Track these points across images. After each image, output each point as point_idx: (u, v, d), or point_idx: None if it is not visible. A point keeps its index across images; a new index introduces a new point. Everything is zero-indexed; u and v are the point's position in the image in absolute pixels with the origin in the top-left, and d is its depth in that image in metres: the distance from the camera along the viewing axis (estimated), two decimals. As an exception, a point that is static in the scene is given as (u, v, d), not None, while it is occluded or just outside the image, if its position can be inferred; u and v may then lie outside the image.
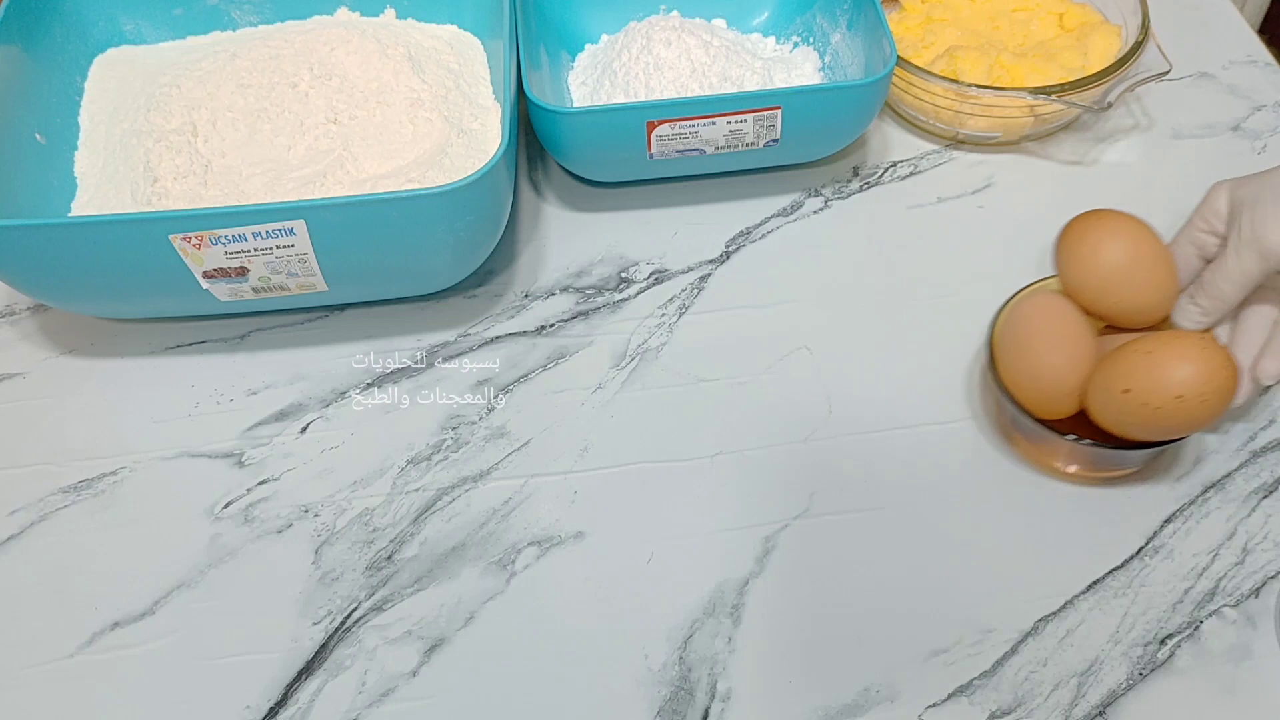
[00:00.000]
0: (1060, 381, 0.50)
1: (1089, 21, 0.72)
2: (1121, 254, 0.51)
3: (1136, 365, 0.48)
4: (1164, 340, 0.48)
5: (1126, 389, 0.47)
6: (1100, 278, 0.52)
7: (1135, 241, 0.51)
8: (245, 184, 0.61)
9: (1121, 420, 0.49)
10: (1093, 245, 0.52)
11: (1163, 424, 0.47)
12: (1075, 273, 0.52)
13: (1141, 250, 0.51)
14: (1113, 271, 0.51)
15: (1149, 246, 0.52)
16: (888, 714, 0.47)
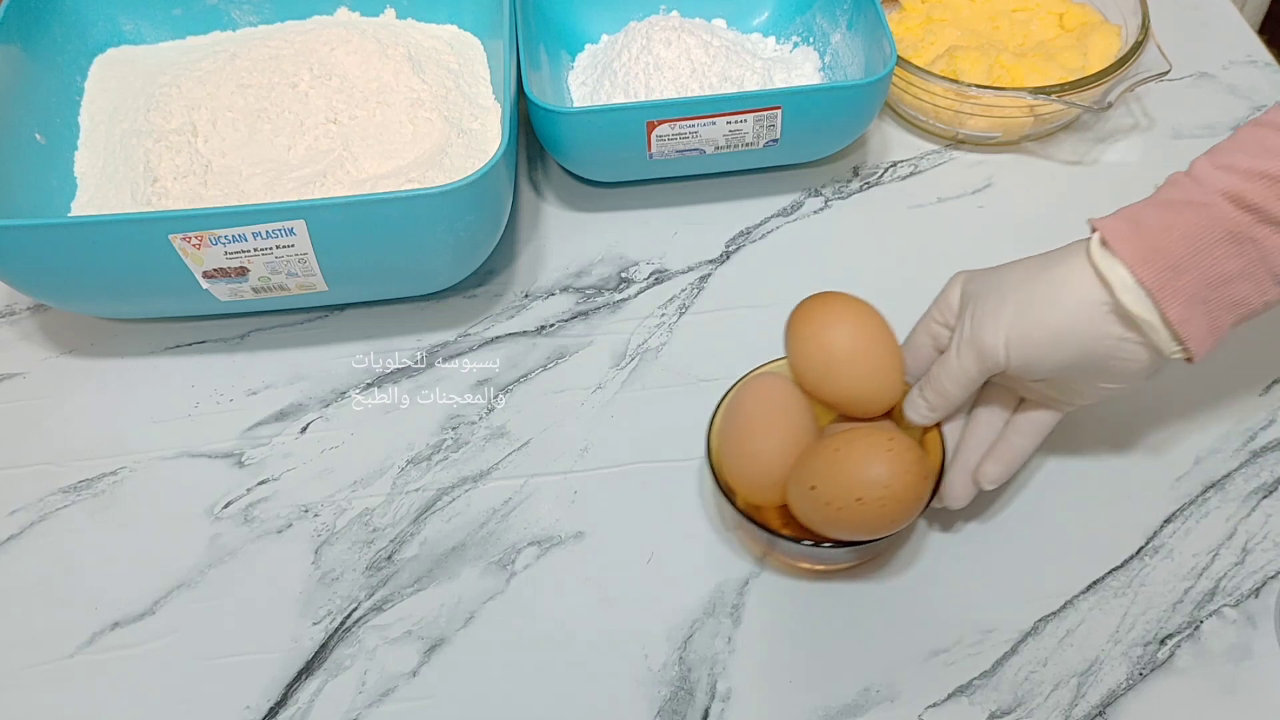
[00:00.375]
0: (771, 468, 0.47)
1: (1089, 21, 0.72)
2: (847, 341, 0.48)
3: (823, 462, 0.45)
4: (852, 439, 0.45)
5: (813, 486, 0.45)
6: (824, 364, 0.49)
7: (862, 328, 0.49)
8: (245, 184, 0.61)
9: (809, 517, 0.46)
10: (816, 329, 0.49)
11: (844, 525, 0.45)
12: (800, 357, 0.50)
13: (868, 338, 0.49)
14: (836, 358, 0.48)
15: (876, 334, 0.49)
16: (888, 714, 0.47)
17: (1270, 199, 0.41)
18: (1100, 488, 0.54)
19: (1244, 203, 0.41)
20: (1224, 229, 0.42)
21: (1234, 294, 0.43)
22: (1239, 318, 0.44)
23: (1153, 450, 0.55)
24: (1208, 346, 0.43)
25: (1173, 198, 0.43)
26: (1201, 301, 0.42)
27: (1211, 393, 0.58)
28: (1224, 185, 0.42)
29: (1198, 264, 0.42)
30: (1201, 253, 0.42)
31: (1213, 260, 0.42)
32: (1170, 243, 0.42)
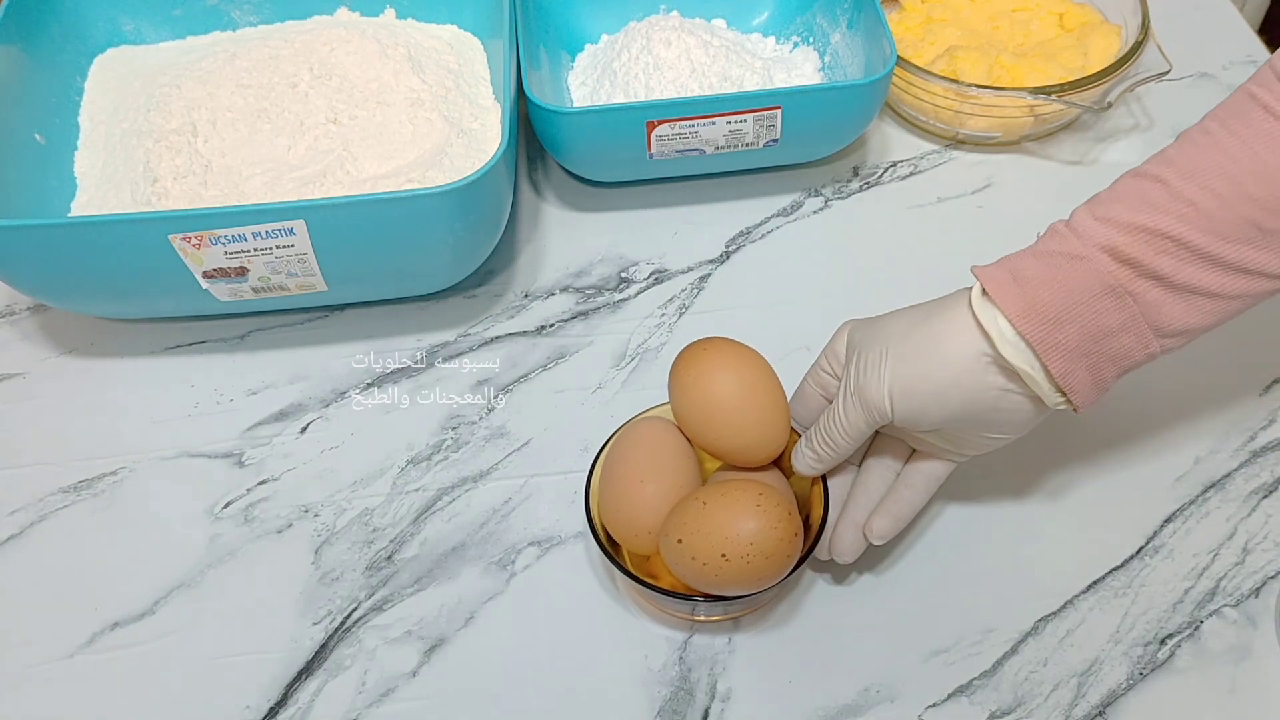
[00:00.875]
0: (644, 515, 0.46)
1: (1089, 21, 0.72)
2: (729, 389, 0.47)
3: (691, 515, 0.44)
4: (722, 491, 0.44)
5: (680, 539, 0.43)
6: (705, 412, 0.47)
7: (745, 377, 0.47)
8: (245, 184, 0.61)
9: (678, 571, 0.44)
10: (698, 376, 0.47)
11: (711, 580, 0.43)
12: (682, 404, 0.48)
13: (751, 387, 0.47)
14: (718, 407, 0.47)
15: (760, 383, 0.47)
16: (888, 714, 0.47)
17: (1147, 253, 0.41)
18: (1100, 488, 0.54)
19: (1121, 256, 0.41)
20: (1103, 283, 0.41)
21: (1116, 347, 0.42)
22: (1123, 369, 0.43)
23: (1153, 450, 0.55)
24: (1092, 399, 0.43)
25: (1052, 249, 0.42)
26: (1084, 355, 0.42)
27: (1211, 393, 0.58)
28: (1103, 239, 0.41)
29: (1078, 317, 0.41)
30: (1081, 306, 0.41)
31: (1094, 314, 0.41)
32: (1051, 296, 0.41)
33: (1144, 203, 0.41)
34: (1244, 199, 0.40)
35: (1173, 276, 0.41)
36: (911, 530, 0.53)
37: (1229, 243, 0.40)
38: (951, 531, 0.53)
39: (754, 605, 0.49)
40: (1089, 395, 0.43)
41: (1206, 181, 0.40)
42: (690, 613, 0.49)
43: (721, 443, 0.47)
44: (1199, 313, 0.42)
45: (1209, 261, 0.41)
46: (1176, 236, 0.40)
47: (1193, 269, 0.41)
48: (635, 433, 0.49)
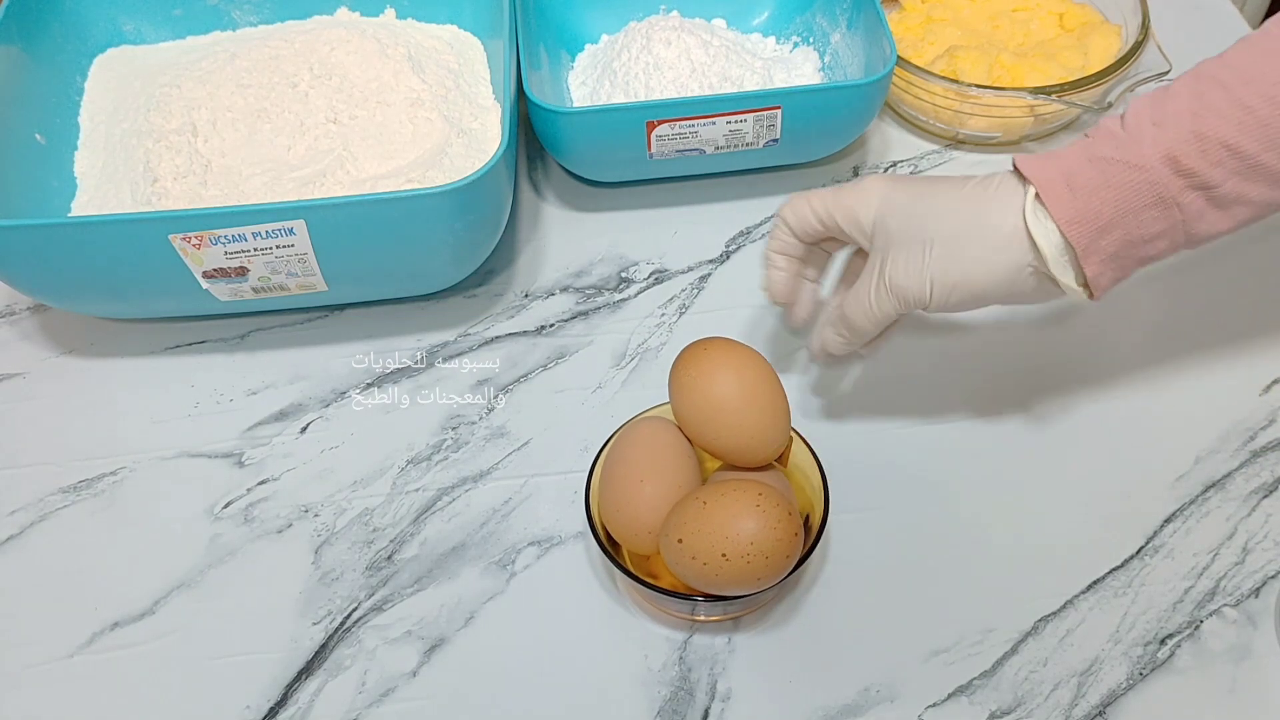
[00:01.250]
0: (644, 515, 0.46)
1: (1089, 21, 0.72)
2: (729, 389, 0.47)
3: (690, 515, 0.44)
4: (721, 491, 0.44)
5: (680, 539, 0.43)
6: (706, 413, 0.47)
7: (745, 377, 0.47)
8: (245, 184, 0.61)
9: (678, 570, 0.44)
10: (698, 377, 0.47)
11: (711, 580, 0.43)
12: (682, 405, 0.48)
13: (751, 387, 0.47)
14: (718, 407, 0.47)
15: (760, 383, 0.47)
16: (888, 714, 0.47)
17: (1203, 164, 0.41)
18: (1100, 487, 0.54)
19: (1179, 166, 0.41)
20: (1155, 194, 0.42)
21: (1149, 251, 0.44)
22: (1142, 265, 0.45)
23: (1153, 450, 0.55)
24: (1106, 290, 0.45)
25: (1108, 155, 0.43)
26: (1117, 258, 0.43)
27: (1212, 392, 0.58)
28: (1162, 146, 0.42)
29: (1123, 225, 0.42)
30: (1129, 216, 0.42)
31: (1139, 223, 0.42)
32: (1101, 204, 0.42)
33: (1203, 106, 0.41)
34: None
35: (1221, 186, 0.41)
36: (911, 530, 0.53)
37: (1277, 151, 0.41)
38: (951, 531, 0.53)
39: (754, 605, 0.49)
40: (1107, 288, 0.44)
41: (1264, 88, 0.40)
42: (690, 612, 0.49)
43: (721, 443, 0.47)
44: (1231, 220, 0.43)
45: (1257, 172, 0.41)
46: (1232, 145, 0.41)
47: (1240, 179, 0.41)
48: (635, 433, 0.49)
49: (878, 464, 0.55)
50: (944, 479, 0.54)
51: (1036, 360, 0.59)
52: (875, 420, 0.57)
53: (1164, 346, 0.60)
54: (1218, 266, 0.63)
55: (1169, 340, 0.60)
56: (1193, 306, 0.62)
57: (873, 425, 0.57)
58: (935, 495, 0.54)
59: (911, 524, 0.53)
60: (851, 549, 0.52)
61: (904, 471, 0.55)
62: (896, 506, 0.53)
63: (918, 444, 0.56)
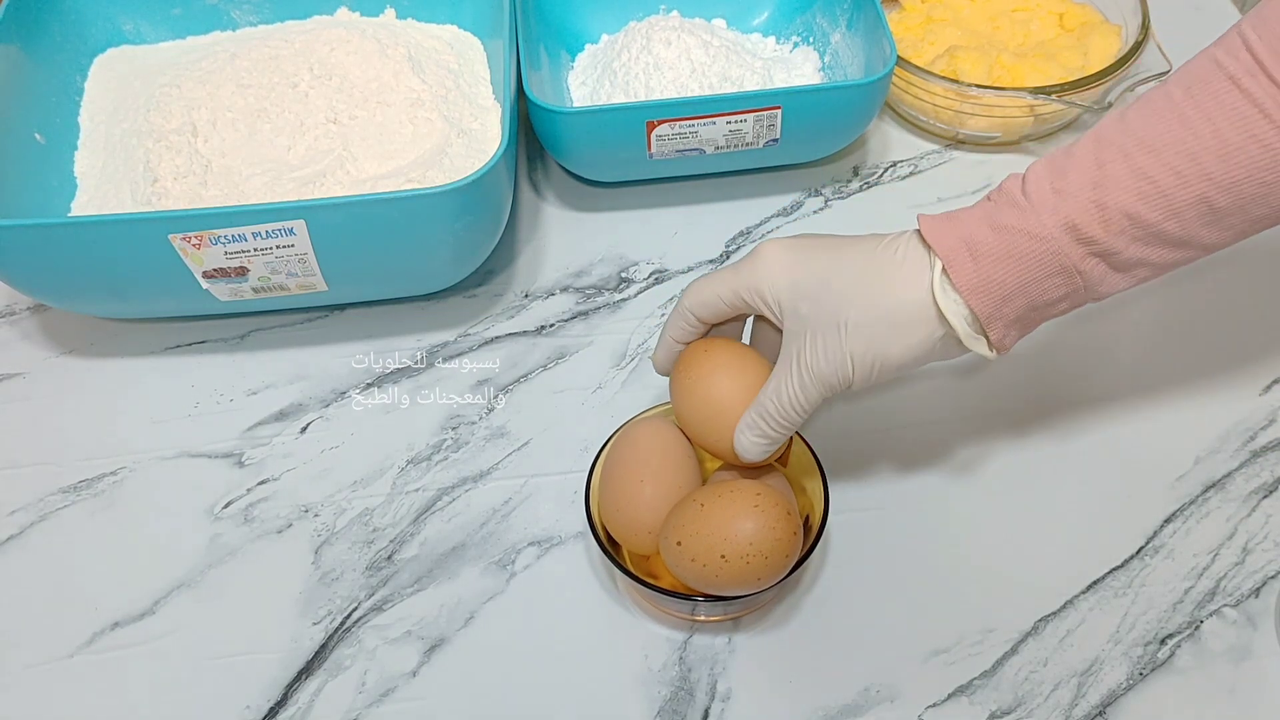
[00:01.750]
0: (644, 515, 0.46)
1: (1089, 21, 0.72)
2: (730, 390, 0.46)
3: (689, 517, 0.44)
4: (719, 492, 0.44)
5: (679, 541, 0.43)
6: (705, 413, 0.47)
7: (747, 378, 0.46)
8: (245, 184, 0.60)
9: (678, 572, 0.44)
10: (698, 378, 0.47)
11: (711, 581, 0.43)
12: (682, 405, 0.48)
13: (752, 388, 0.46)
14: (717, 408, 0.46)
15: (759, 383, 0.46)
16: (888, 714, 0.47)
17: (1105, 234, 0.41)
18: (1100, 487, 0.54)
19: (1080, 235, 0.41)
20: (1057, 263, 0.42)
21: (1052, 312, 0.44)
22: (1046, 320, 0.45)
23: (1153, 450, 0.55)
24: (1012, 347, 0.45)
25: (1010, 224, 0.42)
26: (1019, 321, 0.44)
27: (1211, 392, 0.58)
28: (1062, 215, 0.41)
29: (1026, 293, 0.42)
30: (1032, 284, 0.42)
31: (1041, 290, 0.43)
32: (1005, 274, 0.42)
33: (1104, 175, 0.41)
34: (1201, 177, 0.40)
35: (1122, 254, 0.42)
36: (911, 530, 0.53)
37: (1181, 221, 0.41)
38: (951, 531, 0.53)
39: (754, 605, 0.49)
40: (1012, 346, 0.45)
41: (1167, 158, 0.40)
42: (690, 613, 0.49)
43: (724, 443, 0.47)
44: (1132, 280, 0.43)
45: (1158, 239, 0.41)
46: (1133, 214, 0.41)
47: (1142, 246, 0.42)
48: (635, 433, 0.49)
49: (878, 464, 0.55)
50: (944, 479, 0.55)
51: (1036, 360, 0.59)
52: (875, 420, 0.57)
53: (1164, 347, 0.60)
54: (1218, 267, 0.63)
55: (1169, 340, 0.60)
56: (1193, 307, 0.62)
57: (873, 425, 0.57)
58: (935, 495, 0.54)
59: (911, 524, 0.53)
60: (851, 549, 0.52)
61: (904, 471, 0.55)
62: (896, 506, 0.53)
63: (918, 444, 0.56)
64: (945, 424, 0.57)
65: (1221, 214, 0.41)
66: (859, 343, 0.44)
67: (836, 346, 0.44)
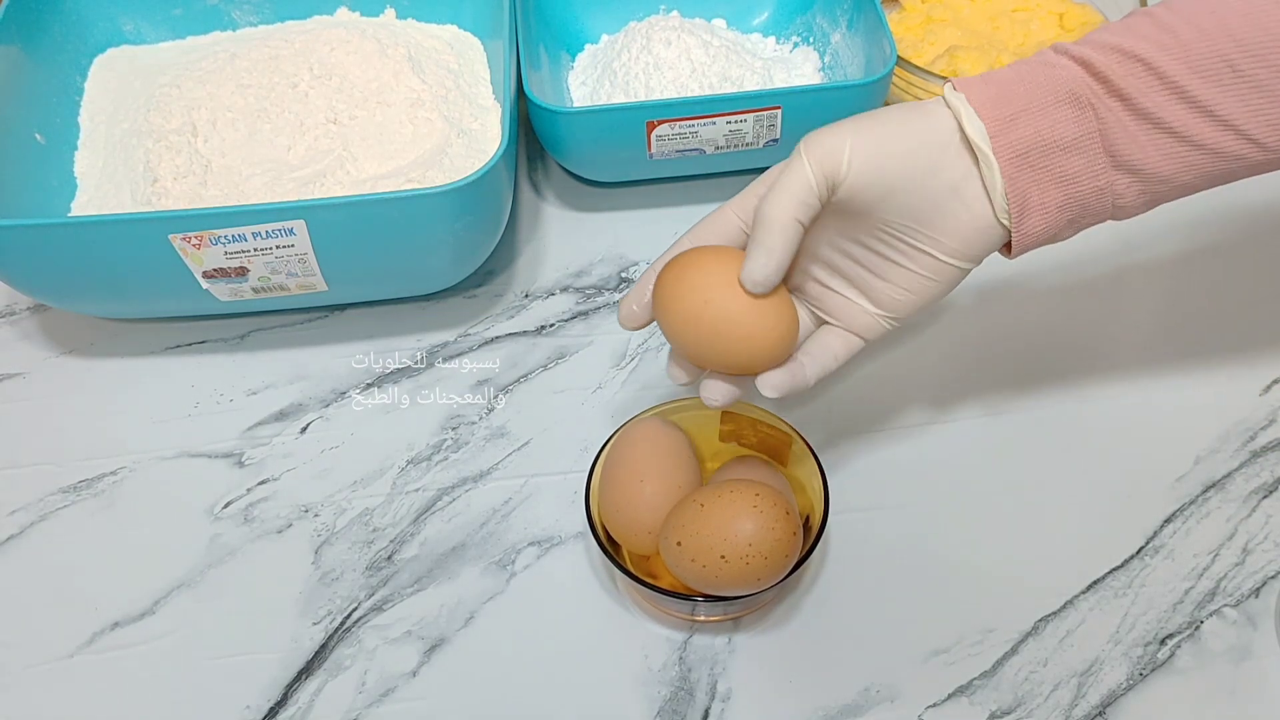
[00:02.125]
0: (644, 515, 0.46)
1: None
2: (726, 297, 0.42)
3: (689, 517, 0.44)
4: (718, 493, 0.44)
5: (679, 541, 0.44)
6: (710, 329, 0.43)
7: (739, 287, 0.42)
8: (245, 184, 0.61)
9: (678, 573, 0.44)
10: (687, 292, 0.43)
11: (711, 582, 0.43)
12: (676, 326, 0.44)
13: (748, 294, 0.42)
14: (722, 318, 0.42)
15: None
16: (888, 714, 0.47)
17: (1117, 72, 0.40)
18: (1100, 487, 0.54)
19: (1093, 70, 0.40)
20: (1067, 89, 0.40)
21: (1065, 167, 0.41)
22: (1066, 199, 0.41)
23: (1153, 450, 0.55)
24: (1034, 230, 0.42)
25: (1028, 60, 0.42)
26: (1032, 166, 0.41)
27: (1212, 392, 0.58)
28: (1078, 53, 0.41)
29: (1034, 120, 0.40)
30: (1041, 110, 0.40)
31: (1050, 121, 0.40)
32: (1013, 91, 0.41)
33: (1126, 29, 0.41)
34: (1224, 33, 0.39)
35: (1138, 100, 0.40)
36: (911, 530, 0.53)
37: (1200, 77, 0.39)
38: (952, 531, 0.53)
39: (754, 605, 0.49)
40: (1031, 221, 0.42)
41: (1190, 14, 0.40)
42: (690, 613, 0.49)
43: (731, 356, 0.43)
44: (1158, 152, 0.41)
45: (1177, 94, 0.40)
46: (1149, 61, 0.40)
47: (1160, 97, 0.40)
48: (635, 432, 0.49)
49: (878, 464, 0.55)
50: (943, 479, 0.55)
51: (1037, 360, 0.59)
52: (875, 420, 0.57)
53: (1164, 346, 0.60)
54: (1218, 265, 0.63)
55: (1169, 340, 0.60)
56: (1193, 306, 0.62)
57: (873, 425, 0.57)
58: (935, 495, 0.54)
59: (911, 524, 0.53)
60: (851, 549, 0.52)
61: (904, 471, 0.55)
62: (896, 506, 0.54)
63: (917, 444, 0.56)
64: (945, 424, 0.57)
65: (1245, 79, 0.39)
66: (860, 121, 0.42)
67: (838, 127, 0.42)
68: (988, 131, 0.41)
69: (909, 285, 0.44)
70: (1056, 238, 0.43)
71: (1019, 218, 0.42)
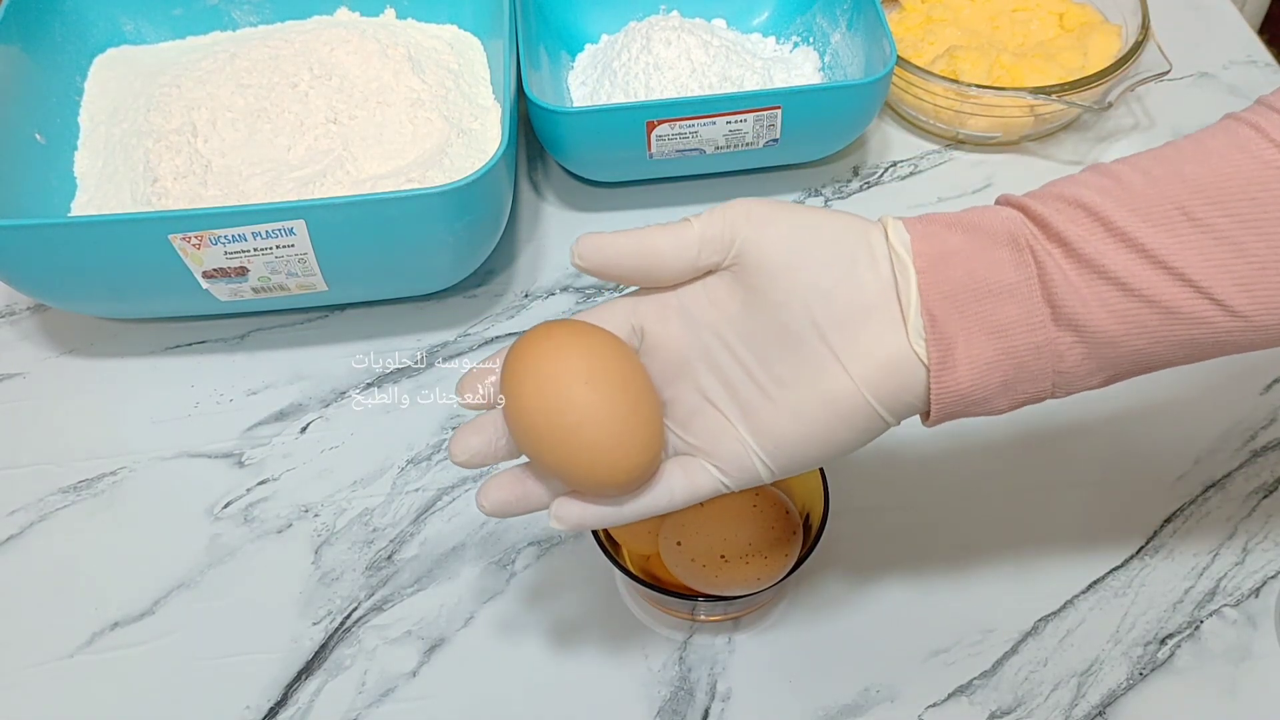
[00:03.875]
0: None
1: (1089, 21, 0.72)
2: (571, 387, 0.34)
3: (689, 518, 0.43)
4: None
5: (679, 541, 0.43)
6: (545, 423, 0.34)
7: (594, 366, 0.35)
8: (245, 184, 0.60)
9: (678, 572, 0.44)
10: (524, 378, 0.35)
11: (711, 582, 0.43)
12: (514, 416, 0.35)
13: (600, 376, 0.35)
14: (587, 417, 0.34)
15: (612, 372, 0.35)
16: (888, 714, 0.47)
17: (1060, 219, 0.35)
18: (1100, 487, 0.54)
19: (1032, 214, 0.36)
20: (1006, 230, 0.36)
21: (999, 315, 0.35)
22: (998, 354, 0.35)
23: (1153, 450, 0.55)
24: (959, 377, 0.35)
25: (967, 209, 0.38)
26: (958, 311, 0.35)
27: (1212, 392, 0.58)
28: (1018, 201, 0.37)
29: (967, 260, 0.35)
30: (977, 251, 0.35)
31: (986, 263, 0.35)
32: (946, 233, 0.36)
33: (1071, 181, 0.37)
34: (1175, 178, 0.35)
35: (1078, 245, 0.35)
36: (911, 530, 0.53)
37: (1149, 224, 0.34)
38: (952, 531, 0.53)
39: (754, 605, 0.49)
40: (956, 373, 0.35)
41: (1141, 163, 0.36)
42: (690, 612, 0.49)
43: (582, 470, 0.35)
44: (1102, 306, 0.35)
45: (1122, 240, 0.34)
46: (1091, 207, 0.35)
47: (1102, 244, 0.35)
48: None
49: (878, 464, 0.55)
50: (944, 479, 0.55)
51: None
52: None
53: (1164, 346, 0.60)
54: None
55: (1169, 340, 0.60)
56: (1193, 306, 0.62)
57: (873, 425, 0.57)
58: (935, 495, 0.54)
59: (911, 524, 0.53)
60: (851, 549, 0.52)
61: (904, 471, 0.55)
62: (896, 507, 0.53)
63: (918, 444, 0.56)
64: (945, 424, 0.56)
65: (1202, 228, 0.34)
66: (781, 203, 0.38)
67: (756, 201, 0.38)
68: (917, 261, 0.36)
69: (801, 412, 0.36)
70: (988, 404, 0.36)
71: (940, 367, 0.35)
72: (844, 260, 0.36)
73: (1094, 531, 0.52)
